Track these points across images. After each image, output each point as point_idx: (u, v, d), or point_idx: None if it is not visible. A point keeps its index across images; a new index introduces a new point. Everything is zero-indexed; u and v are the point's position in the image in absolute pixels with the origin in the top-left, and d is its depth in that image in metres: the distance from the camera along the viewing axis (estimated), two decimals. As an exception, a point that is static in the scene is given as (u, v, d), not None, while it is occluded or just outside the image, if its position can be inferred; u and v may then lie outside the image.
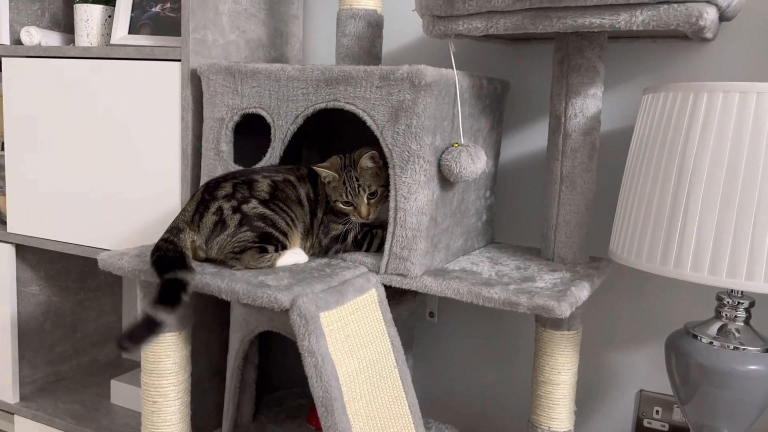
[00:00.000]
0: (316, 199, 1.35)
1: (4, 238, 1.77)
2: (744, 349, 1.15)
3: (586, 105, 1.32)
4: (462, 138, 1.29)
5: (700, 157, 1.05)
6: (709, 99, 1.05)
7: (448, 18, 1.24)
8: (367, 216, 1.30)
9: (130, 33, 1.62)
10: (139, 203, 1.55)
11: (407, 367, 1.22)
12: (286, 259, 1.25)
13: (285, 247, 1.26)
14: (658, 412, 1.53)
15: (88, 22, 1.67)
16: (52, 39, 1.74)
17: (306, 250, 1.32)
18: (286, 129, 1.34)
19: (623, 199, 1.22)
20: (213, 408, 1.65)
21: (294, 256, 1.27)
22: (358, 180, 1.29)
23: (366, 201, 1.30)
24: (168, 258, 1.19)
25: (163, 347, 1.28)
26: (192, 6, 1.43)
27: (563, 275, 1.28)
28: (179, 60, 1.46)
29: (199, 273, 1.19)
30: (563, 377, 1.29)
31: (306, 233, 1.33)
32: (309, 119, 1.33)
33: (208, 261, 1.26)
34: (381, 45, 1.48)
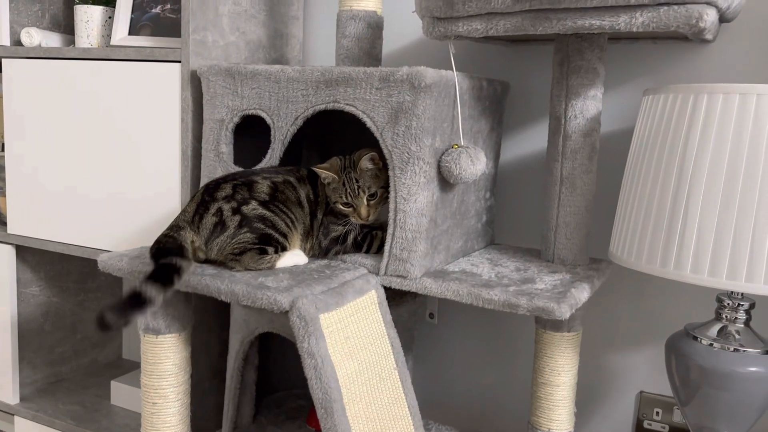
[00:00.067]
0: (316, 201, 1.35)
1: (4, 239, 1.77)
2: (744, 351, 1.15)
3: (586, 106, 1.32)
4: (462, 139, 1.29)
5: (700, 159, 1.05)
6: (709, 100, 1.05)
7: (447, 19, 1.24)
8: (367, 217, 1.30)
9: (130, 34, 1.62)
10: (139, 204, 1.55)
11: (407, 369, 1.22)
12: (285, 261, 1.25)
13: (285, 249, 1.26)
14: (658, 413, 1.53)
15: (88, 23, 1.67)
16: (52, 40, 1.74)
17: (306, 251, 1.32)
18: (285, 130, 1.34)
19: (623, 201, 1.22)
20: (213, 409, 1.65)
21: (294, 257, 1.27)
22: (357, 181, 1.29)
23: (366, 202, 1.30)
24: (167, 248, 1.20)
25: (163, 349, 1.28)
26: (192, 7, 1.43)
27: (563, 277, 1.27)
28: (179, 61, 1.46)
29: (199, 274, 1.19)
30: (563, 379, 1.29)
31: (306, 234, 1.33)
32: (309, 120, 1.33)
33: (207, 262, 1.26)
34: (381, 46, 1.48)
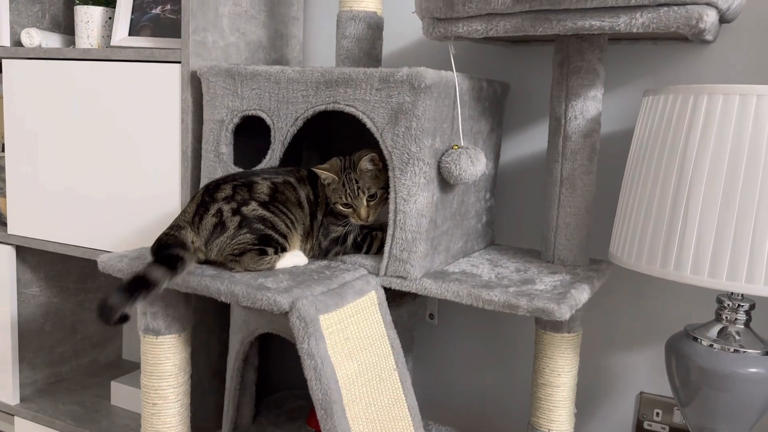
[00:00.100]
0: (316, 201, 1.35)
1: (4, 239, 1.77)
2: (744, 352, 1.15)
3: (586, 107, 1.32)
4: (462, 140, 1.29)
5: (700, 160, 1.05)
6: (709, 101, 1.05)
7: (447, 20, 1.24)
8: (367, 218, 1.30)
9: (130, 35, 1.62)
10: (139, 205, 1.55)
11: (407, 370, 1.22)
12: (285, 262, 1.25)
13: (284, 250, 1.26)
14: (658, 414, 1.52)
15: (88, 23, 1.67)
16: (52, 41, 1.74)
17: (306, 252, 1.32)
18: (285, 131, 1.34)
19: (623, 202, 1.22)
20: (213, 409, 1.65)
21: (293, 258, 1.27)
22: (357, 182, 1.29)
23: (365, 203, 1.30)
24: (169, 243, 1.22)
25: (163, 349, 1.28)
26: (192, 8, 1.43)
27: (563, 277, 1.27)
28: (179, 62, 1.46)
29: (199, 275, 1.19)
30: (563, 379, 1.29)
31: (306, 235, 1.32)
32: (309, 121, 1.33)
33: (207, 263, 1.26)
34: (381, 47, 1.48)
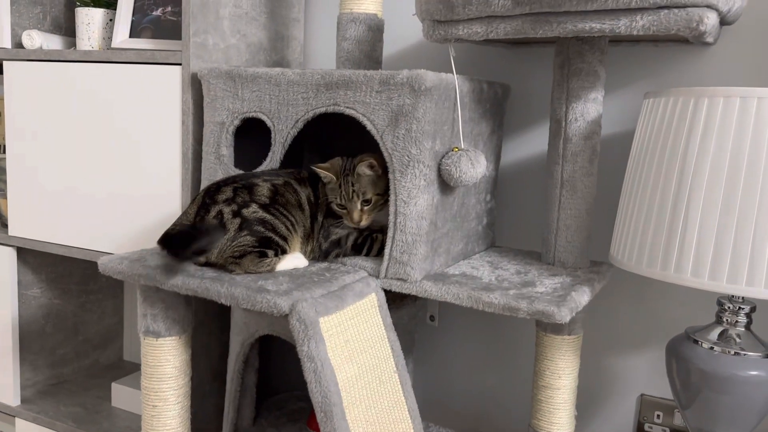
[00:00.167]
0: (316, 203, 1.35)
1: (5, 241, 1.77)
2: (745, 355, 1.14)
3: (586, 109, 1.32)
4: (462, 142, 1.29)
5: (700, 163, 1.05)
6: (710, 104, 1.05)
7: (448, 23, 1.24)
8: (359, 222, 1.30)
9: (131, 37, 1.62)
10: (140, 206, 1.56)
11: (407, 372, 1.22)
12: (285, 264, 1.25)
13: (285, 252, 1.26)
14: (659, 416, 1.52)
15: (89, 25, 1.67)
16: (53, 42, 1.74)
17: (306, 254, 1.32)
18: (286, 133, 1.34)
19: (624, 204, 1.22)
20: (213, 411, 1.65)
21: (294, 260, 1.27)
22: (353, 185, 1.29)
23: (359, 207, 1.29)
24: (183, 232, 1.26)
25: (163, 351, 1.28)
26: (193, 10, 1.43)
27: (564, 280, 1.27)
28: (180, 64, 1.46)
29: (199, 277, 1.19)
30: (564, 382, 1.29)
31: (306, 237, 1.32)
32: (310, 123, 1.33)
33: (207, 265, 1.26)
34: (381, 49, 1.48)
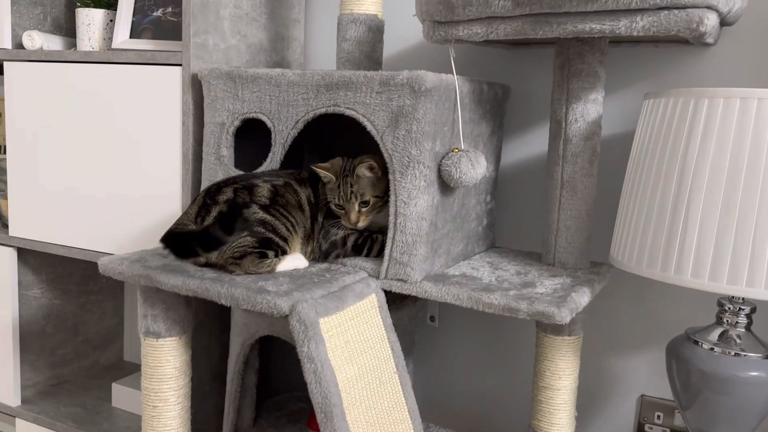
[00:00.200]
0: (316, 203, 1.35)
1: (5, 241, 1.77)
2: (745, 356, 1.14)
3: (586, 110, 1.32)
4: (462, 143, 1.29)
5: (700, 163, 1.05)
6: (710, 105, 1.05)
7: (448, 23, 1.24)
8: (356, 223, 1.30)
9: (131, 37, 1.62)
10: (140, 207, 1.56)
11: (407, 373, 1.22)
12: (286, 265, 1.25)
13: (285, 253, 1.26)
14: (659, 417, 1.52)
15: (89, 26, 1.67)
16: (53, 43, 1.74)
17: (306, 254, 1.32)
18: (286, 134, 1.34)
19: (624, 205, 1.22)
20: (213, 412, 1.65)
21: (294, 261, 1.27)
22: (352, 186, 1.29)
23: (357, 208, 1.29)
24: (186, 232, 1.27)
25: (164, 352, 1.28)
26: (193, 11, 1.43)
27: (564, 280, 1.27)
28: (180, 64, 1.46)
29: (199, 278, 1.19)
30: (564, 382, 1.28)
31: (307, 238, 1.32)
32: (310, 124, 1.33)
33: (207, 266, 1.26)
34: (382, 50, 1.48)
